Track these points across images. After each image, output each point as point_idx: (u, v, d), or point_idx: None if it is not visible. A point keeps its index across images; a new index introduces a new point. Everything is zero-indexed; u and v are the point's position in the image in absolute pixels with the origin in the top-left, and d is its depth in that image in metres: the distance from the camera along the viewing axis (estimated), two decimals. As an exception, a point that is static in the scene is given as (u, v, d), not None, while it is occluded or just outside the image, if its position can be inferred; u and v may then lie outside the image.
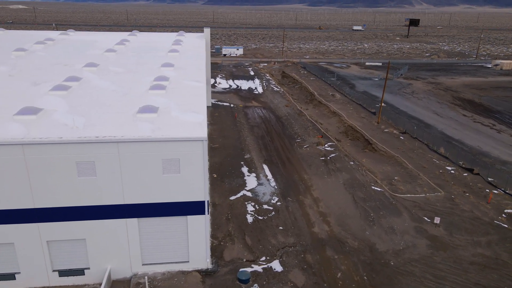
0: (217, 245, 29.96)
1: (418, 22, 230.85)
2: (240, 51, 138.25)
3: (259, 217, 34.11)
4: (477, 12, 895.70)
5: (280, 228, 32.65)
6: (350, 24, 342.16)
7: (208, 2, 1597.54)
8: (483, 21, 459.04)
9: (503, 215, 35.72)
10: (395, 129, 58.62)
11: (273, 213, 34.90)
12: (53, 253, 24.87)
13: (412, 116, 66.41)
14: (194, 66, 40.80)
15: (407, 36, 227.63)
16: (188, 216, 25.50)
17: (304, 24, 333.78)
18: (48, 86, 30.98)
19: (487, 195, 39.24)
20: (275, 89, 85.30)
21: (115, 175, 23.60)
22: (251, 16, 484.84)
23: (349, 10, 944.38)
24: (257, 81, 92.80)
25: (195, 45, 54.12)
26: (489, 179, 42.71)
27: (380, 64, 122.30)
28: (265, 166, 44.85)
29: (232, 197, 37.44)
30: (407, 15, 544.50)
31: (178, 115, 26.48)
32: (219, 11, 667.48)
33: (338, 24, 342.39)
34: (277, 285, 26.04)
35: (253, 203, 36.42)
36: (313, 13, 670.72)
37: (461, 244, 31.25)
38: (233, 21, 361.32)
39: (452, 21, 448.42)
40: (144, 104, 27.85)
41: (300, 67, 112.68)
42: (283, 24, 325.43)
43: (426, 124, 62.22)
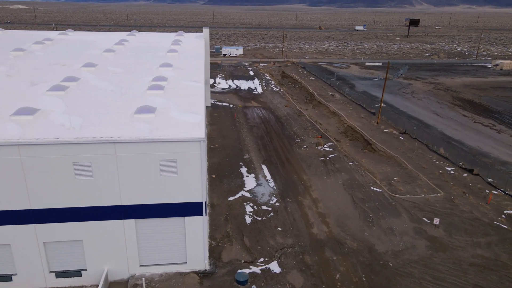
0: (215, 246, 29.82)
1: (418, 22, 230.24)
2: (240, 51, 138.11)
3: (258, 218, 33.97)
4: (477, 12, 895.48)
5: (279, 229, 32.51)
6: (351, 24, 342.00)
7: (208, 2, 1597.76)
8: (483, 21, 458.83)
9: (503, 216, 35.57)
10: (395, 129, 58.47)
11: (272, 214, 34.76)
12: (50, 254, 24.73)
13: (412, 116, 66.27)
14: (193, 66, 40.67)
15: (407, 36, 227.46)
16: (186, 217, 25.36)
17: (304, 24, 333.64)
18: (46, 86, 30.84)
19: (487, 196, 39.09)
20: (275, 89, 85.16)
21: (112, 176, 23.46)
22: (251, 16, 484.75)
23: (349, 10, 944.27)
24: (257, 81, 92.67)
25: (194, 45, 53.99)
26: (489, 180, 42.56)
27: (380, 64, 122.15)
28: (264, 167, 44.72)
29: (231, 198, 37.30)
30: (407, 15, 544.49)
31: (176, 116, 26.34)
32: (219, 11, 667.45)
33: (338, 24, 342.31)
34: (275, 287, 25.89)
35: (252, 204, 36.28)
36: (313, 13, 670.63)
37: (461, 245, 31.11)
38: (233, 21, 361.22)
39: (452, 21, 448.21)
40: (142, 105, 27.71)
41: (300, 67, 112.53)
42: (283, 24, 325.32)
43: (426, 124, 62.07)
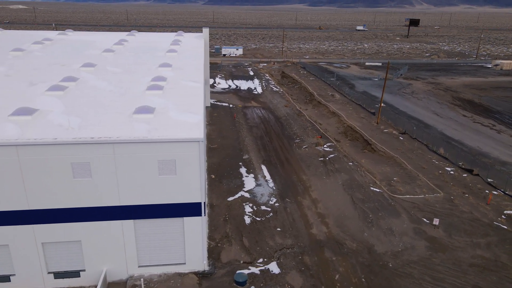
0: (214, 247, 29.75)
1: (418, 22, 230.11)
2: (240, 51, 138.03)
3: (257, 219, 33.90)
4: (477, 12, 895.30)
5: (278, 230, 32.44)
6: (351, 24, 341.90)
7: (208, 2, 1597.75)
8: (483, 21, 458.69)
9: (503, 216, 35.49)
10: (395, 130, 58.39)
11: (271, 214, 34.69)
12: (48, 255, 24.66)
13: (412, 117, 66.18)
14: (192, 66, 40.61)
15: (407, 36, 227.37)
16: (185, 218, 25.29)
17: (304, 24, 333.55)
18: (45, 87, 30.78)
19: (487, 196, 39.01)
20: (275, 89, 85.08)
21: (111, 177, 23.39)
22: (251, 16, 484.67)
23: (349, 10, 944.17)
24: (257, 81, 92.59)
25: (194, 45, 53.93)
26: (489, 180, 42.48)
27: (380, 64, 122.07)
28: (264, 167, 44.64)
29: (230, 198, 37.23)
30: (407, 15, 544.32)
31: (175, 116, 26.27)
32: (219, 11, 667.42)
33: (338, 24, 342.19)
34: (274, 287, 25.82)
35: (251, 204, 36.21)
36: (313, 13, 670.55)
37: (460, 246, 31.03)
38: (233, 21, 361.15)
39: (452, 21, 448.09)
40: (141, 105, 27.64)
41: (300, 67, 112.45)
42: (283, 24, 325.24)
43: (426, 125, 61.99)
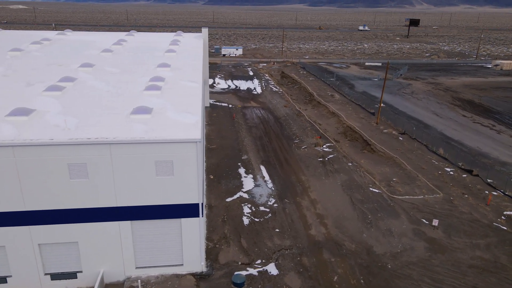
0: (212, 248, 29.60)
1: (418, 22, 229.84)
2: (240, 51, 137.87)
3: (256, 219, 33.75)
4: (478, 12, 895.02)
5: (277, 231, 32.29)
6: (351, 24, 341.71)
7: (209, 2, 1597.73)
8: (484, 21, 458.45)
9: (502, 217, 35.33)
10: (394, 130, 58.24)
11: (270, 215, 34.53)
12: (45, 256, 24.51)
13: (412, 117, 66.03)
14: (191, 66, 40.47)
15: (407, 36, 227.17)
16: (182, 219, 25.14)
17: (304, 24, 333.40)
18: (42, 87, 30.66)
19: (486, 197, 38.85)
20: (274, 90, 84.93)
21: (108, 177, 23.24)
22: (251, 16, 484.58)
23: (349, 10, 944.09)
24: (256, 82, 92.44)
25: (193, 45, 53.80)
26: (489, 181, 42.32)
27: (380, 64, 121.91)
28: (263, 167, 44.49)
29: (229, 199, 37.08)
30: (407, 15, 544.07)
31: (173, 116, 26.12)
32: (219, 11, 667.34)
33: (338, 24, 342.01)
34: (273, 289, 25.69)
35: (250, 205, 36.06)
36: (313, 13, 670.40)
37: (460, 247, 30.87)
38: (233, 21, 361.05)
39: (453, 21, 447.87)
40: (139, 105, 27.48)
41: (300, 67, 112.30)
42: (283, 24, 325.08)
43: (426, 125, 61.84)
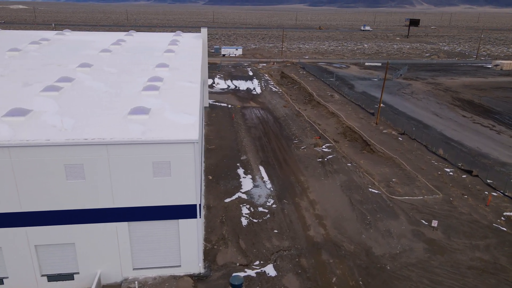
0: (210, 249, 29.45)
1: (418, 22, 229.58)
2: (239, 51, 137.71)
3: (254, 220, 33.60)
4: (478, 12, 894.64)
5: (275, 231, 32.14)
6: (351, 24, 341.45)
7: (209, 2, 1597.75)
8: (484, 21, 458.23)
9: (502, 218, 35.18)
10: (394, 130, 58.08)
11: (268, 216, 34.39)
12: (42, 258, 24.37)
13: (411, 117, 65.88)
14: (190, 67, 40.33)
15: (407, 36, 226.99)
16: (180, 220, 24.99)
17: (304, 24, 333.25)
18: (40, 87, 30.51)
19: (486, 198, 38.70)
20: (274, 90, 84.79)
21: (105, 178, 23.10)
22: (251, 16, 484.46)
23: (349, 10, 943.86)
24: (256, 82, 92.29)
25: (192, 45, 53.67)
26: (488, 181, 42.16)
27: (380, 65, 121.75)
28: (262, 168, 44.34)
29: (227, 200, 36.93)
30: (408, 15, 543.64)
31: (170, 117, 25.98)
32: (219, 11, 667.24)
33: (339, 24, 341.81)
34: (271, 290, 25.54)
35: (248, 206, 35.90)
36: (314, 13, 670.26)
37: (459, 248, 30.72)
38: (233, 21, 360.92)
39: (453, 21, 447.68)
40: (136, 105, 27.36)
41: (299, 67, 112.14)
42: (283, 24, 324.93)
43: (425, 125, 61.68)
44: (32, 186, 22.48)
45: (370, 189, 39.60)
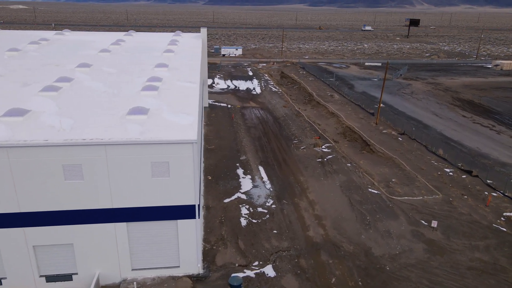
0: (209, 249, 29.38)
1: (418, 22, 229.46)
2: (239, 51, 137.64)
3: (253, 221, 33.53)
4: (478, 12, 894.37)
5: (274, 232, 32.07)
6: (351, 24, 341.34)
7: (209, 2, 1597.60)
8: (484, 21, 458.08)
9: (502, 219, 35.11)
10: (394, 130, 58.00)
11: (268, 216, 34.32)
12: (40, 258, 24.30)
13: (411, 117, 65.80)
14: (189, 67, 40.28)
15: (407, 36, 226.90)
16: (179, 220, 24.93)
17: (304, 24, 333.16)
18: (38, 87, 30.45)
19: (486, 198, 38.62)
20: (274, 90, 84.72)
21: (103, 179, 23.03)
22: (251, 16, 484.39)
23: (349, 10, 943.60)
24: (256, 82, 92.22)
25: (191, 45, 53.62)
26: (488, 181, 42.08)
27: (380, 65, 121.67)
28: (261, 168, 44.27)
29: (227, 200, 36.86)
30: (408, 15, 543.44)
31: (169, 117, 25.92)
32: (220, 11, 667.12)
33: (339, 24, 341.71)
34: (270, 291, 25.47)
35: (248, 206, 35.83)
36: (314, 13, 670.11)
37: (459, 249, 30.64)
38: (233, 21, 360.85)
39: (453, 21, 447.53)
40: (135, 106, 27.29)
41: (299, 67, 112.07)
42: (283, 24, 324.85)
43: (425, 125, 61.60)
44: (30, 187, 22.42)
45: (370, 189, 39.52)
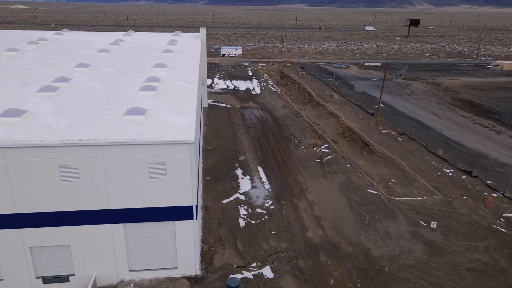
0: (208, 250, 29.24)
1: (419, 22, 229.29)
2: (239, 51, 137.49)
3: (252, 221, 33.38)
4: (478, 12, 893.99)
5: (273, 233, 31.92)
6: (351, 24, 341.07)
7: (209, 2, 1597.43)
8: (484, 21, 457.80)
9: (502, 219, 34.95)
10: (393, 131, 57.84)
11: (266, 217, 34.17)
12: (37, 260, 24.16)
13: (411, 117, 65.64)
14: (188, 67, 40.12)
15: (407, 36, 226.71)
16: (176, 222, 24.78)
17: (304, 24, 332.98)
18: (36, 87, 30.30)
19: (486, 199, 38.47)
20: (273, 90, 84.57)
21: (100, 180, 22.88)
22: (252, 16, 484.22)
23: (350, 10, 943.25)
24: (255, 82, 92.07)
25: (190, 45, 53.46)
26: (488, 182, 41.92)
27: (380, 65, 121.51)
28: (260, 168, 44.12)
29: (225, 201, 36.71)
30: (408, 15, 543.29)
31: (167, 117, 25.76)
32: (220, 11, 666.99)
33: (339, 24, 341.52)
34: (268, 292, 25.32)
35: (246, 207, 35.68)
36: (314, 13, 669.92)
37: (458, 250, 30.49)
38: (233, 21, 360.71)
39: (453, 21, 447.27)
40: (133, 106, 27.14)
41: (299, 68, 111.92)
42: (283, 24, 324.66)
43: (425, 125, 61.45)
44: (27, 188, 22.28)
45: (369, 190, 39.37)
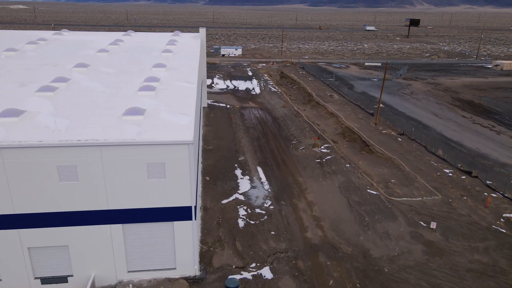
0: (207, 251, 29.16)
1: (419, 22, 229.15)
2: (239, 51, 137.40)
3: (251, 222, 33.30)
4: (478, 12, 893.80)
5: (272, 233, 31.84)
6: (351, 24, 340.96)
7: (209, 2, 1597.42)
8: (484, 21, 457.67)
9: (502, 220, 34.87)
10: (393, 131, 57.76)
11: (266, 218, 34.09)
12: (35, 260, 24.09)
13: (411, 117, 65.56)
14: (187, 67, 40.06)
15: (407, 36, 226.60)
16: (175, 222, 24.71)
17: (304, 24, 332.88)
18: (35, 87, 30.24)
19: (485, 199, 38.39)
20: (273, 90, 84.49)
21: (98, 180, 22.81)
22: (252, 16, 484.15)
23: (350, 10, 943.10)
24: (255, 82, 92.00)
25: (190, 45, 53.39)
26: (488, 182, 41.83)
27: (380, 65, 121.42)
28: (260, 169, 44.04)
29: (224, 201, 36.64)
30: (408, 15, 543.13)
31: (166, 117, 25.70)
32: (220, 11, 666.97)
33: (339, 24, 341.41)
34: (267, 293, 25.25)
35: (245, 207, 35.60)
36: (314, 13, 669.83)
37: (458, 250, 30.41)
38: (233, 21, 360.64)
39: (453, 21, 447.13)
40: (132, 106, 27.07)
41: (299, 68, 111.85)
42: (283, 24, 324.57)
43: (425, 126, 61.37)
44: (25, 188, 22.21)
45: (369, 190, 39.29)
